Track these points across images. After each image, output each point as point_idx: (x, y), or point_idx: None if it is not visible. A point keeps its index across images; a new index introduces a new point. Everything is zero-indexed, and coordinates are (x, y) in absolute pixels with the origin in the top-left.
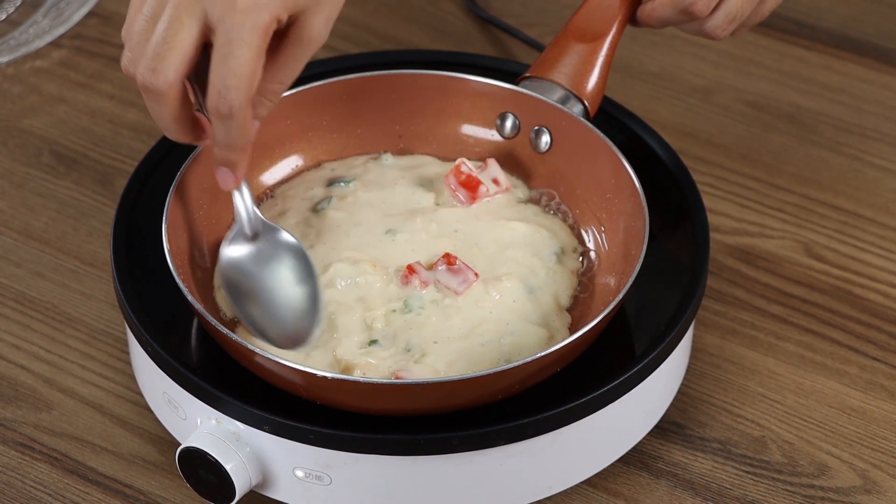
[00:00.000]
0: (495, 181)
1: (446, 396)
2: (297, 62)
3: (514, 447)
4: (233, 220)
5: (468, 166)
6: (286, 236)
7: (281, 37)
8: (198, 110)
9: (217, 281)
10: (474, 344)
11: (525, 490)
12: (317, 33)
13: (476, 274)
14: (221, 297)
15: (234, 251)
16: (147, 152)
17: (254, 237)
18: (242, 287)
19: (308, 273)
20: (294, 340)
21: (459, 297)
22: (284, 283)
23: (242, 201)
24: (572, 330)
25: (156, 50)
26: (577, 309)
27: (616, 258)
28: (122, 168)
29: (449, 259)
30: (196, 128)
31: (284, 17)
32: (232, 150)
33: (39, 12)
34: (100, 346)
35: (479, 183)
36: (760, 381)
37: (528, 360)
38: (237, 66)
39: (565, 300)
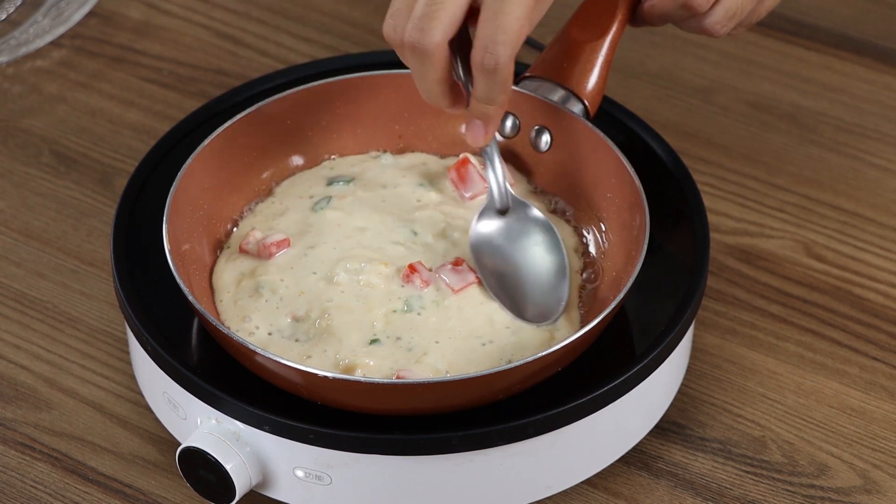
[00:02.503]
0: None
1: (447, 396)
2: (537, 18)
3: (514, 447)
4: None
5: (473, 161)
6: (536, 213)
7: None
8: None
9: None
10: (475, 344)
11: (525, 490)
12: None
13: (477, 277)
14: (221, 302)
15: (484, 226)
16: (147, 152)
17: (503, 212)
18: (494, 262)
19: (557, 247)
20: (543, 315)
21: (460, 298)
22: (535, 260)
23: (495, 176)
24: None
25: (424, 11)
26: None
27: (616, 258)
28: (122, 168)
29: (457, 261)
30: (455, 93)
31: None
32: (490, 104)
33: (39, 12)
34: (100, 345)
35: (480, 180)
36: (760, 381)
37: (529, 359)
38: (508, 23)
39: (581, 294)
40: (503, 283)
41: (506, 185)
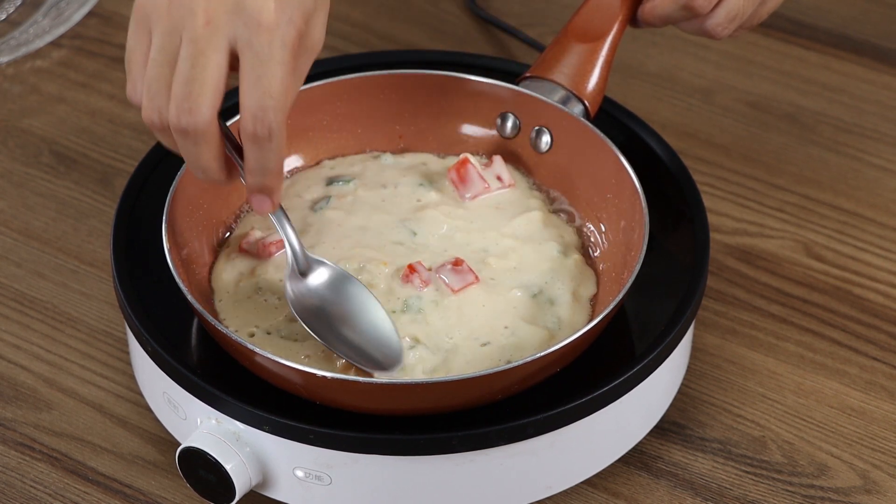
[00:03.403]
0: (499, 178)
1: (447, 396)
2: (304, 72)
3: (514, 447)
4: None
5: (473, 161)
6: (335, 269)
7: None
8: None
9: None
10: (475, 344)
11: (525, 490)
12: (318, 39)
13: (477, 277)
14: (220, 302)
15: (300, 292)
16: (147, 152)
17: (304, 273)
18: (321, 318)
19: (368, 296)
20: (389, 362)
21: (459, 298)
22: (360, 309)
23: (288, 240)
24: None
25: (186, 90)
26: None
27: (616, 259)
28: (122, 168)
29: (457, 261)
30: (230, 165)
31: (304, 28)
32: (268, 175)
33: (39, 12)
34: (100, 346)
35: (480, 180)
36: (760, 381)
37: (528, 359)
38: (272, 86)
39: (579, 295)
40: (343, 339)
41: (301, 247)
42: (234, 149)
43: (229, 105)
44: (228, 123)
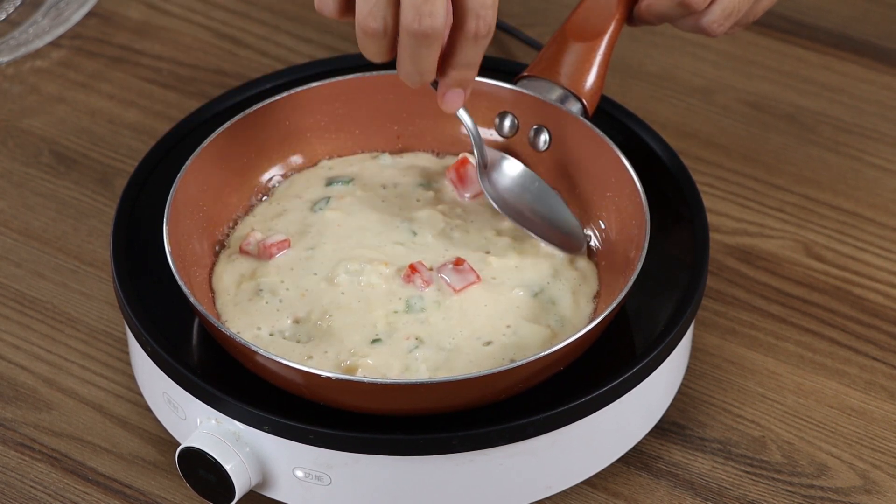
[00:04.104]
0: None
1: (449, 396)
2: None
3: (514, 447)
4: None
5: (472, 161)
6: (511, 161)
7: None
8: None
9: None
10: (477, 344)
11: (525, 490)
12: None
13: (478, 277)
14: (221, 304)
15: (487, 186)
16: (147, 152)
17: (486, 166)
18: (516, 212)
19: (543, 185)
20: (579, 243)
21: (461, 297)
22: (543, 199)
23: (475, 134)
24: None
25: None
26: None
27: (616, 258)
28: (122, 168)
29: (458, 261)
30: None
31: None
32: (472, 69)
33: (39, 12)
34: (100, 346)
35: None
36: (760, 381)
37: (530, 359)
38: None
39: (580, 294)
40: (537, 225)
41: (481, 142)
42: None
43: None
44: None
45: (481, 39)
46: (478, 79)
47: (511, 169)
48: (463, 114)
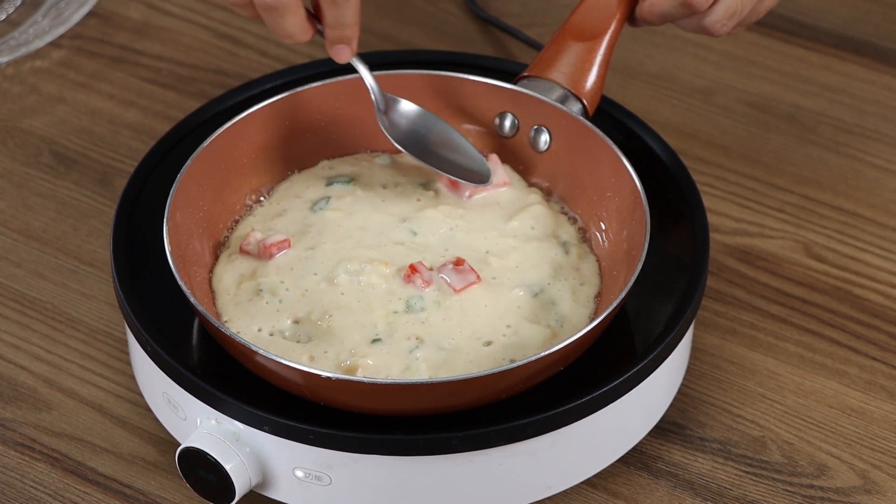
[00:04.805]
0: (495, 177)
1: (450, 396)
2: None
3: (514, 447)
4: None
5: None
6: (408, 103)
7: None
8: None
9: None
10: (477, 344)
11: (525, 490)
12: None
13: (479, 277)
14: (222, 304)
15: (386, 121)
16: (147, 152)
17: (385, 111)
18: (418, 146)
19: (443, 123)
20: (485, 173)
21: (461, 297)
22: (442, 135)
23: (367, 81)
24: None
25: None
26: None
27: (617, 258)
28: (122, 168)
29: (458, 261)
30: (310, 22)
31: None
32: (347, 27)
33: (39, 12)
34: (100, 346)
35: None
36: (760, 381)
37: (531, 359)
38: None
39: (580, 293)
40: (442, 158)
41: (377, 85)
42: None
43: None
44: None
45: (341, 3)
46: (477, 78)
47: (409, 110)
48: (355, 62)
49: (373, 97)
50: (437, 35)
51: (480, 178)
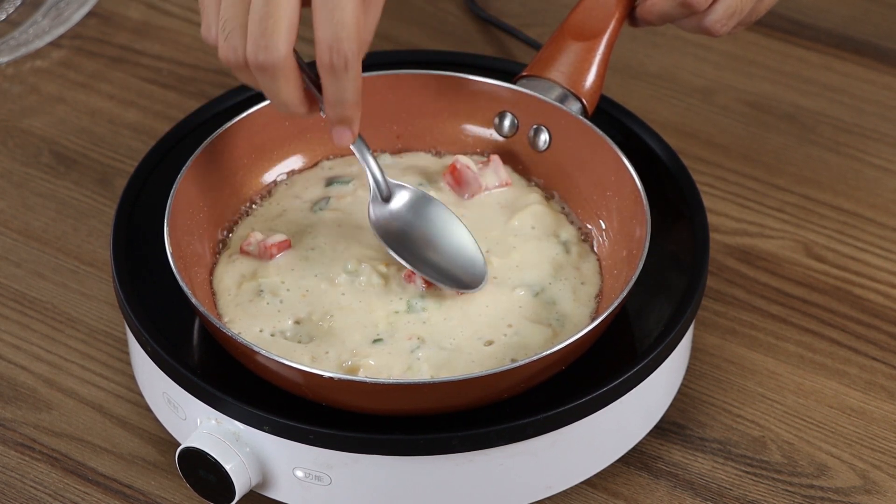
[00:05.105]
0: (497, 176)
1: (451, 396)
2: (378, 7)
3: (514, 447)
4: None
5: (463, 163)
6: (420, 191)
7: None
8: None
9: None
10: (478, 344)
11: (525, 490)
12: None
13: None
14: (222, 304)
15: (381, 215)
16: (147, 152)
17: (387, 199)
18: (404, 241)
19: (451, 217)
20: (472, 280)
21: (462, 297)
22: (443, 230)
23: (369, 168)
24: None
25: (261, 27)
26: None
27: (617, 257)
28: (122, 168)
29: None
30: (309, 98)
31: None
32: (347, 106)
33: (39, 12)
34: (100, 346)
35: (475, 178)
36: (760, 381)
37: (532, 359)
38: (345, 17)
39: (581, 292)
40: (425, 260)
41: (383, 174)
42: (313, 83)
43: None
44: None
45: (340, 73)
46: (476, 78)
47: (412, 199)
48: (355, 149)
49: (371, 187)
50: (437, 35)
51: (467, 284)
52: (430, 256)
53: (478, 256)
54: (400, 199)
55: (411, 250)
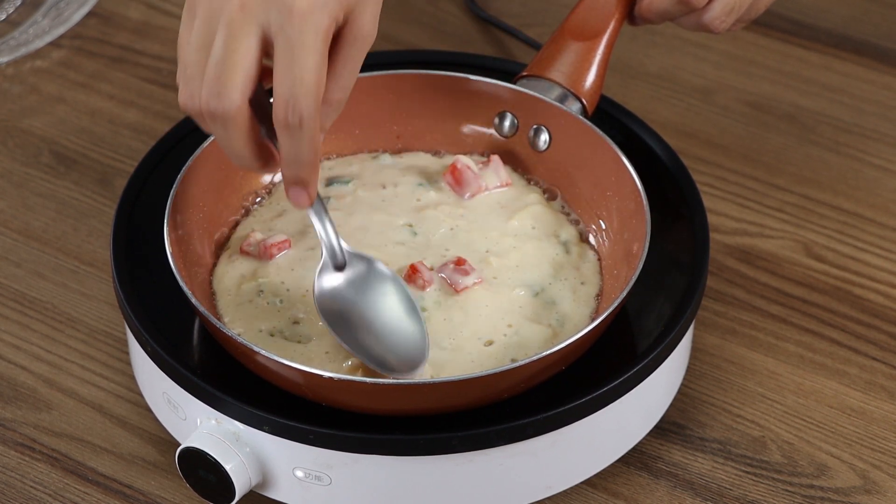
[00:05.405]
0: (497, 177)
1: (451, 396)
2: (355, 64)
3: (514, 447)
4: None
5: (464, 163)
6: (377, 265)
7: (334, 41)
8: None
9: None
10: (478, 344)
11: (525, 490)
12: (368, 30)
13: (480, 277)
14: (222, 304)
15: (328, 282)
16: (147, 152)
17: (340, 268)
18: (345, 317)
19: (407, 298)
20: (409, 365)
21: (462, 297)
22: (387, 309)
23: (325, 234)
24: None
25: (216, 73)
26: None
27: (617, 257)
28: (122, 168)
29: (459, 260)
30: (266, 153)
31: (342, 17)
32: (303, 166)
33: (39, 12)
34: (100, 346)
35: (475, 178)
36: (760, 381)
37: (532, 359)
38: (303, 74)
39: (581, 292)
40: (360, 337)
41: (339, 241)
42: (272, 138)
43: None
44: None
45: (295, 131)
46: (476, 78)
47: (367, 274)
48: (312, 213)
49: (323, 254)
50: (437, 35)
51: (393, 369)
52: (368, 336)
53: (417, 342)
54: (354, 270)
55: (351, 327)
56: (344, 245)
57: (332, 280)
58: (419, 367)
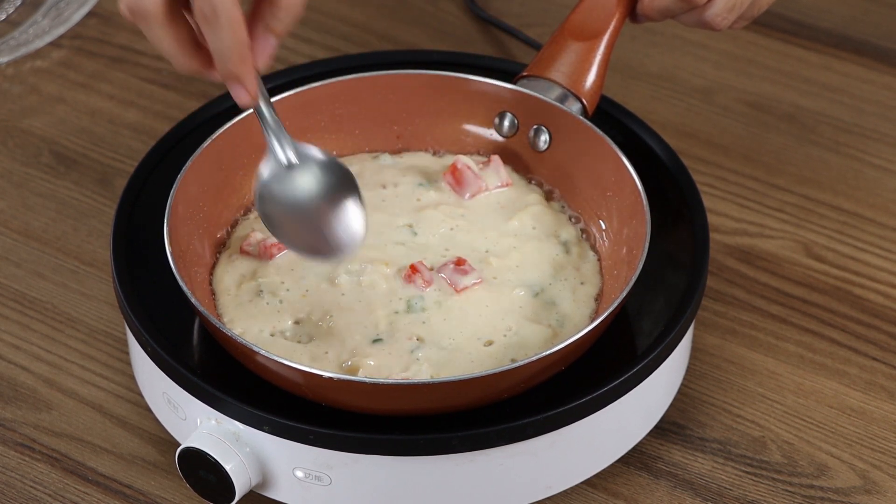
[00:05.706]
0: (497, 177)
1: (451, 396)
2: None
3: (514, 447)
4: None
5: (464, 163)
6: (321, 154)
7: None
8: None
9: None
10: (478, 344)
11: (525, 490)
12: None
13: (480, 277)
14: (222, 304)
15: (271, 180)
16: (147, 152)
17: (290, 165)
18: (281, 215)
19: (347, 180)
20: (340, 247)
21: (462, 297)
22: (326, 195)
23: (272, 133)
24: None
25: None
26: None
27: (617, 257)
28: (122, 168)
29: (459, 260)
30: (204, 56)
31: None
32: (228, 60)
33: (39, 12)
34: (100, 346)
35: (475, 178)
36: (760, 381)
37: (532, 359)
38: None
39: (581, 293)
40: (297, 228)
41: (287, 140)
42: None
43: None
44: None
45: (212, 22)
46: (477, 78)
47: (317, 167)
48: (259, 109)
49: (270, 155)
50: (437, 35)
51: (329, 250)
52: (303, 225)
53: (361, 228)
54: (305, 170)
55: (290, 220)
56: (296, 146)
57: (277, 177)
58: (356, 245)
